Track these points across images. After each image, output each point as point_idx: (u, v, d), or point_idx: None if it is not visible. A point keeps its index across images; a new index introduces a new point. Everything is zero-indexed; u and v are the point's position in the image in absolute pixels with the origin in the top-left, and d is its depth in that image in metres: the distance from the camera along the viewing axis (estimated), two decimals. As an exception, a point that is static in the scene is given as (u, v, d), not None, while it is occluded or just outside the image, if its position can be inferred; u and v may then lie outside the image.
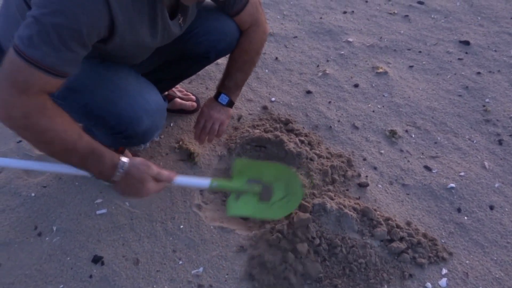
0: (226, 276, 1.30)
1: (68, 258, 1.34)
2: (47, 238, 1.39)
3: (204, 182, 1.25)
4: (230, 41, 1.46)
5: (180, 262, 1.33)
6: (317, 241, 1.32)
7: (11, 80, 0.92)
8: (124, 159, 1.08)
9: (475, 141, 1.73)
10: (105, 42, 1.04)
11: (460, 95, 1.94)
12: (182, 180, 1.22)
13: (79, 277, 1.30)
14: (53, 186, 1.54)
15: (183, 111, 1.83)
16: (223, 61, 2.14)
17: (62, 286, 1.28)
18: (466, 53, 2.18)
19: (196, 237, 1.40)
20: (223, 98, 1.50)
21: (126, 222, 1.44)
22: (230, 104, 1.52)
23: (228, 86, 1.50)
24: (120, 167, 1.07)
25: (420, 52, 2.21)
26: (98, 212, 1.46)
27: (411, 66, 2.13)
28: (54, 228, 1.42)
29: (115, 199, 1.50)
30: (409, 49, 2.23)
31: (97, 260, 1.34)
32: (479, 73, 2.05)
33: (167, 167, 1.61)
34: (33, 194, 1.52)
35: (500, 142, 1.71)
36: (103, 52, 1.12)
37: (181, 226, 1.43)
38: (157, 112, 1.27)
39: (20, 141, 1.70)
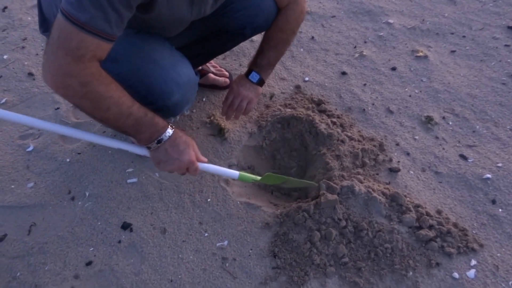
0: (250, 251, 1.31)
1: (99, 223, 1.39)
2: (79, 203, 1.44)
3: (233, 173, 1.27)
4: (266, 17, 1.44)
5: (206, 234, 1.36)
6: (343, 223, 1.30)
7: (64, 47, 0.93)
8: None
9: (516, 132, 1.65)
10: (145, 10, 1.04)
11: (504, 83, 1.85)
12: (212, 167, 1.24)
13: (108, 241, 1.34)
14: (87, 153, 1.59)
15: (216, 87, 1.83)
16: (257, 38, 2.11)
17: (92, 249, 1.33)
18: (514, 39, 2.07)
19: (223, 211, 1.41)
20: (254, 76, 1.49)
21: (155, 192, 1.47)
22: (261, 82, 1.50)
23: (260, 64, 1.49)
24: (170, 128, 1.12)
25: (464, 36, 2.11)
26: (129, 180, 1.50)
27: (453, 51, 2.04)
28: (87, 194, 1.47)
29: (145, 169, 1.53)
30: (452, 33, 2.14)
31: (126, 226, 1.38)
32: (526, 61, 1.95)
33: (198, 141, 1.63)
34: (68, 160, 1.57)
35: (543, 134, 1.63)
36: (140, 22, 1.13)
37: (209, 200, 1.44)
38: (188, 86, 1.27)
39: (58, 108, 1.75)
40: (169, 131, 1.12)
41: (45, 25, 1.27)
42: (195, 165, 1.17)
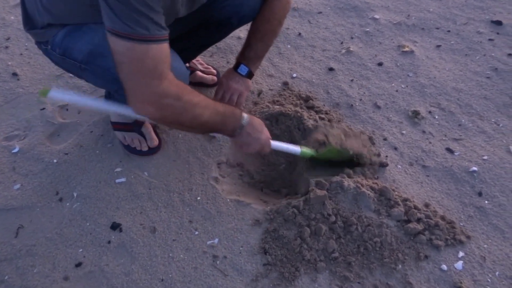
0: (241, 249, 1.31)
1: (88, 224, 1.38)
2: (67, 204, 1.43)
3: (295, 149, 1.37)
4: (252, 6, 1.44)
5: (196, 233, 1.35)
6: (333, 218, 1.31)
7: (145, 71, 0.94)
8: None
9: (501, 125, 1.67)
10: None
11: (488, 77, 1.88)
12: (278, 144, 1.34)
13: (97, 242, 1.33)
14: (75, 154, 1.57)
15: (203, 84, 1.82)
16: (245, 35, 2.11)
17: (81, 250, 1.31)
18: (498, 33, 2.10)
19: (213, 209, 1.41)
20: (243, 69, 1.49)
21: (144, 192, 1.46)
22: (250, 75, 1.50)
23: (248, 57, 1.49)
24: (244, 113, 1.20)
25: (449, 31, 2.14)
26: (117, 180, 1.49)
27: (438, 46, 2.06)
28: (75, 194, 1.45)
29: (134, 169, 1.52)
30: (437, 28, 2.16)
31: (115, 227, 1.37)
32: (510, 54, 1.97)
33: (186, 140, 1.62)
34: (55, 161, 1.55)
35: (527, 127, 1.66)
36: None
37: (198, 198, 1.44)
38: (179, 80, 1.27)
39: (43, 108, 1.73)
40: (245, 115, 1.20)
41: (29, 23, 1.25)
42: (269, 142, 1.30)
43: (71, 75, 1.85)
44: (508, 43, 2.04)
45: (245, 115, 1.20)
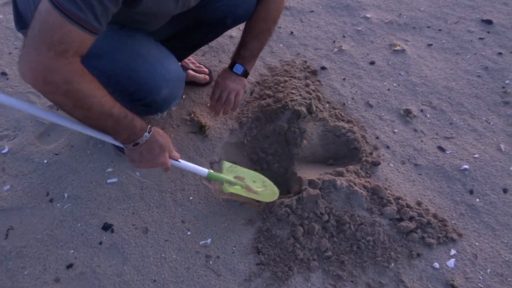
0: (234, 248, 1.30)
1: (79, 225, 1.36)
2: (58, 204, 1.41)
3: (202, 170, 1.30)
4: (247, 7, 1.44)
5: (189, 233, 1.35)
6: (326, 217, 1.31)
7: (47, 41, 0.88)
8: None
9: (492, 123, 1.68)
10: (131, 4, 1.02)
11: (479, 76, 1.89)
12: (184, 164, 1.26)
13: (89, 243, 1.32)
14: (65, 154, 1.55)
15: (195, 84, 1.81)
16: (237, 34, 2.11)
17: (72, 251, 1.30)
18: (488, 32, 2.11)
19: (205, 208, 1.40)
20: (238, 68, 1.48)
21: (136, 192, 1.45)
22: (245, 74, 1.50)
23: (243, 56, 1.48)
24: (148, 130, 1.11)
25: (440, 30, 2.15)
26: (109, 181, 1.48)
27: (430, 45, 2.07)
28: (66, 195, 1.44)
29: (126, 169, 1.51)
30: (428, 27, 2.17)
31: (107, 227, 1.35)
32: (500, 53, 1.99)
33: (179, 139, 1.61)
34: (45, 161, 1.53)
35: (518, 125, 1.67)
36: (123, 17, 1.11)
37: (191, 198, 1.43)
38: (176, 81, 1.27)
39: (33, 108, 1.71)
40: (147, 134, 1.11)
41: (21, 22, 1.23)
42: (167, 165, 1.19)
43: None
44: (498, 42, 2.05)
45: (147, 134, 1.11)
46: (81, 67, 0.95)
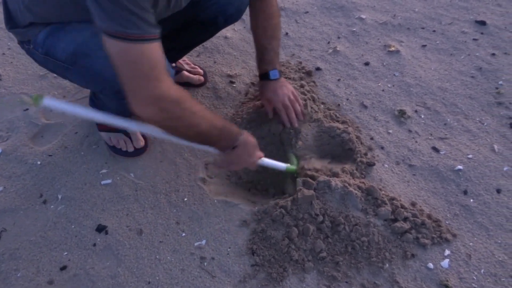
0: (228, 250, 1.30)
1: (73, 226, 1.36)
2: (52, 206, 1.41)
3: (281, 165, 1.41)
4: (238, 6, 1.44)
5: (183, 234, 1.34)
6: (320, 218, 1.31)
7: (142, 74, 0.92)
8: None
9: (485, 124, 1.69)
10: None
11: (473, 77, 1.90)
12: (267, 161, 1.36)
13: (83, 245, 1.31)
14: (59, 155, 1.55)
15: (190, 84, 1.81)
16: (232, 34, 2.11)
17: (66, 253, 1.29)
18: (482, 33, 2.12)
19: (200, 210, 1.40)
20: (274, 74, 1.49)
21: (131, 193, 1.44)
22: (280, 74, 1.52)
23: (270, 60, 1.48)
24: (242, 133, 1.21)
25: (434, 31, 2.16)
26: (103, 182, 1.47)
27: (424, 46, 2.08)
28: (59, 196, 1.43)
29: (120, 170, 1.50)
30: (423, 28, 2.18)
31: (101, 229, 1.35)
32: (494, 54, 2.00)
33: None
34: (39, 162, 1.52)
35: (511, 126, 1.68)
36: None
37: (185, 199, 1.43)
38: None
39: (26, 109, 1.70)
40: (241, 137, 1.20)
41: (11, 22, 1.23)
42: (256, 163, 1.31)
43: (55, 75, 1.82)
44: (491, 43, 2.06)
45: (241, 136, 1.20)
46: (176, 86, 1.01)
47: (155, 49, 0.94)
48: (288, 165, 1.43)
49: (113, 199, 1.43)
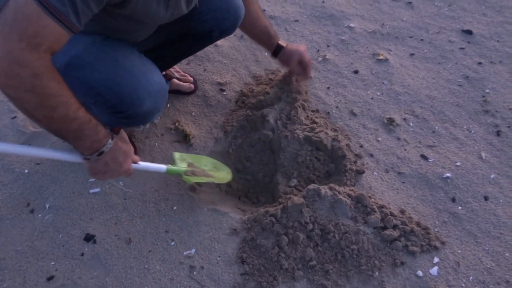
0: (218, 258, 1.29)
1: (60, 236, 1.34)
2: (39, 215, 1.39)
3: (161, 167, 1.31)
4: (234, 20, 1.45)
5: (172, 243, 1.33)
6: (310, 226, 1.31)
7: (20, 31, 0.81)
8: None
9: (473, 132, 1.71)
10: (120, 4, 1.00)
11: (460, 85, 1.93)
12: (144, 165, 1.25)
13: (70, 254, 1.30)
14: (47, 164, 1.53)
15: (180, 92, 1.81)
16: (222, 42, 2.11)
17: (53, 263, 1.28)
18: (469, 42, 2.16)
19: (189, 218, 1.39)
20: (282, 42, 1.67)
21: (119, 202, 1.43)
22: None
23: (274, 33, 1.65)
24: (111, 138, 1.05)
25: (422, 40, 2.19)
26: (91, 191, 1.46)
27: (412, 54, 2.10)
28: (47, 205, 1.41)
29: (109, 179, 1.49)
30: (411, 37, 2.20)
31: (89, 238, 1.33)
32: (480, 63, 2.03)
33: (163, 148, 1.60)
34: (26, 171, 1.51)
35: (498, 133, 1.70)
36: (109, 24, 1.10)
37: (175, 208, 1.42)
38: (159, 94, 1.25)
39: (14, 117, 1.68)
40: (110, 141, 1.05)
41: None
42: (131, 171, 1.16)
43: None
44: (478, 52, 2.10)
45: (111, 141, 1.05)
46: (51, 64, 0.88)
47: (57, 31, 0.85)
48: (169, 166, 1.34)
49: (102, 208, 1.41)
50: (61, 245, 1.32)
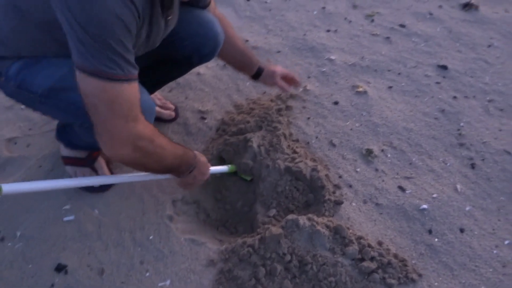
0: (194, 290, 1.27)
1: (30, 266, 1.29)
2: (9, 244, 1.34)
3: (224, 168, 1.57)
4: (214, 46, 1.46)
5: (147, 274, 1.30)
6: (288, 257, 1.30)
7: (120, 114, 0.93)
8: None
9: (448, 164, 1.75)
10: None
11: (436, 118, 1.98)
12: (213, 169, 1.47)
13: (40, 286, 1.25)
14: (20, 190, 1.49)
15: (160, 119, 1.80)
16: (205, 71, 2.13)
17: (21, 294, 1.23)
18: (444, 77, 2.23)
19: (166, 248, 1.36)
20: (262, 64, 1.72)
21: (94, 230, 1.40)
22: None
23: (253, 56, 1.68)
24: (196, 155, 1.27)
25: (399, 73, 2.25)
26: (65, 218, 1.42)
27: (390, 87, 2.16)
28: (18, 234, 1.37)
29: (84, 206, 1.46)
30: (389, 70, 2.27)
31: (60, 268, 1.29)
32: (455, 97, 2.09)
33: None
34: (-2, 197, 1.46)
35: (472, 166, 1.74)
36: None
37: (151, 237, 1.39)
38: (147, 114, 1.24)
39: (-11, 141, 1.65)
40: (195, 159, 1.25)
41: None
42: (209, 176, 1.38)
43: (22, 107, 1.79)
44: (453, 86, 2.16)
45: (195, 159, 1.26)
46: (148, 123, 1.04)
47: (134, 89, 0.95)
48: (230, 165, 1.60)
49: (75, 236, 1.38)
50: (30, 276, 1.27)
